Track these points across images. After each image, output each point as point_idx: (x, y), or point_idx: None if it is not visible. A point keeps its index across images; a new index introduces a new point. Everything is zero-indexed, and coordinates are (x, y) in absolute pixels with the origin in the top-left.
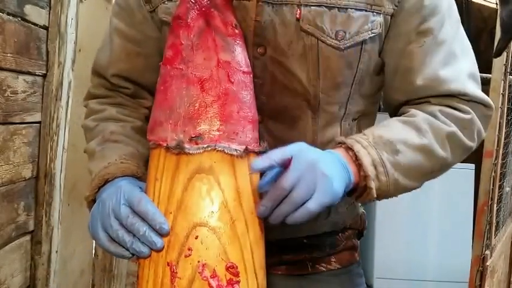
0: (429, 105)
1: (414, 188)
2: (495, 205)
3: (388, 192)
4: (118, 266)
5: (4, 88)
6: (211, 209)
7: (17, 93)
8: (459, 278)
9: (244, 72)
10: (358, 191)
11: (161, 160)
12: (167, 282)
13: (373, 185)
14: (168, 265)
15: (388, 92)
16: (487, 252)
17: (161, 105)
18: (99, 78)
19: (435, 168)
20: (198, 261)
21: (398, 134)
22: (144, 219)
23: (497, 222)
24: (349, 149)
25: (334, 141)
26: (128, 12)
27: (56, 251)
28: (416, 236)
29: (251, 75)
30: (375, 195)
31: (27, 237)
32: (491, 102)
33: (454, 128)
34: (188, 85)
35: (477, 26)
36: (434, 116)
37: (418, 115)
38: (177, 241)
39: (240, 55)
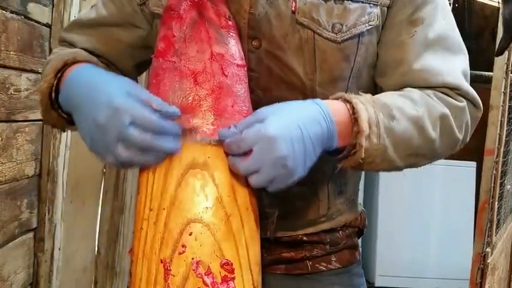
0: (422, 89)
1: (396, 168)
2: (496, 203)
3: (374, 159)
4: (120, 263)
5: (7, 86)
6: (206, 204)
7: (20, 91)
8: (460, 276)
9: (238, 65)
10: (346, 150)
11: None
12: (161, 279)
13: (364, 143)
14: (161, 262)
15: (381, 82)
16: (488, 249)
17: None
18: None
19: (423, 149)
20: (192, 258)
21: (396, 101)
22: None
23: (498, 220)
24: (347, 101)
25: (333, 96)
26: (116, 5)
27: (59, 248)
28: (418, 234)
29: (245, 68)
30: (362, 156)
31: (30, 235)
32: (481, 104)
33: (447, 111)
34: (181, 78)
35: (479, 25)
36: (429, 96)
37: (413, 91)
38: (171, 238)
39: (233, 47)
